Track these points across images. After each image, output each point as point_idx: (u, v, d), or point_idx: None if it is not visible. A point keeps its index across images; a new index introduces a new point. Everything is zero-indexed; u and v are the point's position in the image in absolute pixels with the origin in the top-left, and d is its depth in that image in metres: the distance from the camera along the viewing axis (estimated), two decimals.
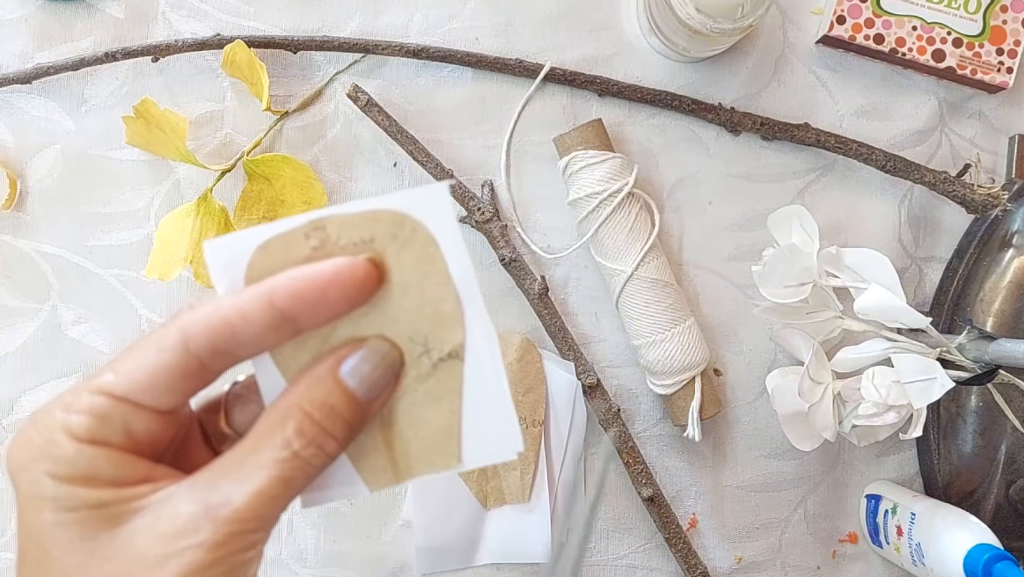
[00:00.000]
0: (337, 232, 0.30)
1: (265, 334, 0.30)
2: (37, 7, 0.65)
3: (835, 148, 0.66)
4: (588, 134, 0.64)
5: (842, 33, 0.65)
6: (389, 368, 0.31)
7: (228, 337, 0.29)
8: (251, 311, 0.29)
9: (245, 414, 0.34)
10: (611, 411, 0.65)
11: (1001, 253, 0.66)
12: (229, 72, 0.64)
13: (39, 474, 0.29)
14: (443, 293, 0.30)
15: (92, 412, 0.29)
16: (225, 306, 0.29)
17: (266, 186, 0.64)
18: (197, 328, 0.29)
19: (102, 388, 0.29)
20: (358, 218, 0.30)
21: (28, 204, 0.65)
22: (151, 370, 0.29)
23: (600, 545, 0.67)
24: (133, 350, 0.30)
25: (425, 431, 0.32)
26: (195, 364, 0.29)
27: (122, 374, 0.29)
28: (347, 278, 0.30)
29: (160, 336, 0.29)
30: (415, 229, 0.30)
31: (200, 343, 0.29)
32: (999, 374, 0.59)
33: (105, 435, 0.29)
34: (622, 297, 0.64)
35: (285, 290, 0.29)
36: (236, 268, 0.31)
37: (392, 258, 0.30)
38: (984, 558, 0.55)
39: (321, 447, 0.30)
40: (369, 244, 0.30)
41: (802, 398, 0.58)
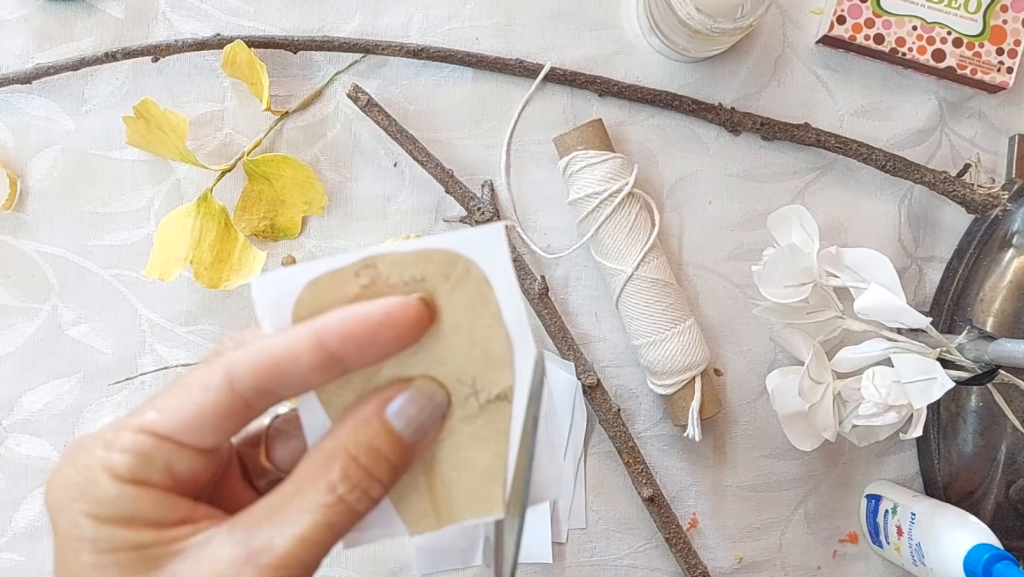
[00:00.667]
0: (388, 270, 0.30)
1: (312, 374, 0.29)
2: (37, 7, 0.65)
3: (835, 148, 0.66)
4: (588, 134, 0.64)
5: (842, 33, 0.65)
6: (436, 409, 0.31)
7: (275, 377, 0.29)
8: (299, 351, 0.28)
9: (286, 449, 0.33)
10: (611, 411, 0.65)
11: (1001, 253, 0.66)
12: (229, 72, 0.64)
13: (78, 515, 0.28)
14: (494, 334, 0.30)
15: (134, 451, 0.28)
16: (273, 345, 0.29)
17: (266, 186, 0.64)
18: (243, 367, 0.28)
19: (145, 426, 0.29)
20: (411, 257, 0.30)
21: (28, 204, 0.65)
22: (195, 409, 0.28)
23: (600, 545, 0.67)
24: (176, 387, 0.29)
25: (469, 474, 0.31)
26: (240, 403, 0.29)
27: (165, 412, 0.29)
28: (399, 319, 0.29)
29: (204, 374, 0.29)
30: (468, 269, 0.30)
31: (246, 382, 0.28)
32: (999, 374, 0.59)
33: (147, 475, 0.28)
34: (622, 297, 0.64)
35: (335, 330, 0.29)
36: (283, 305, 0.30)
37: (443, 298, 0.30)
38: (984, 558, 0.55)
39: (366, 491, 0.29)
40: (420, 283, 0.30)
41: (802, 398, 0.58)
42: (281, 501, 0.29)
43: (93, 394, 0.65)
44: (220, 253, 0.62)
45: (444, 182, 0.65)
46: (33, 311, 0.65)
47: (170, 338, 0.65)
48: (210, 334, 0.65)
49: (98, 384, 0.65)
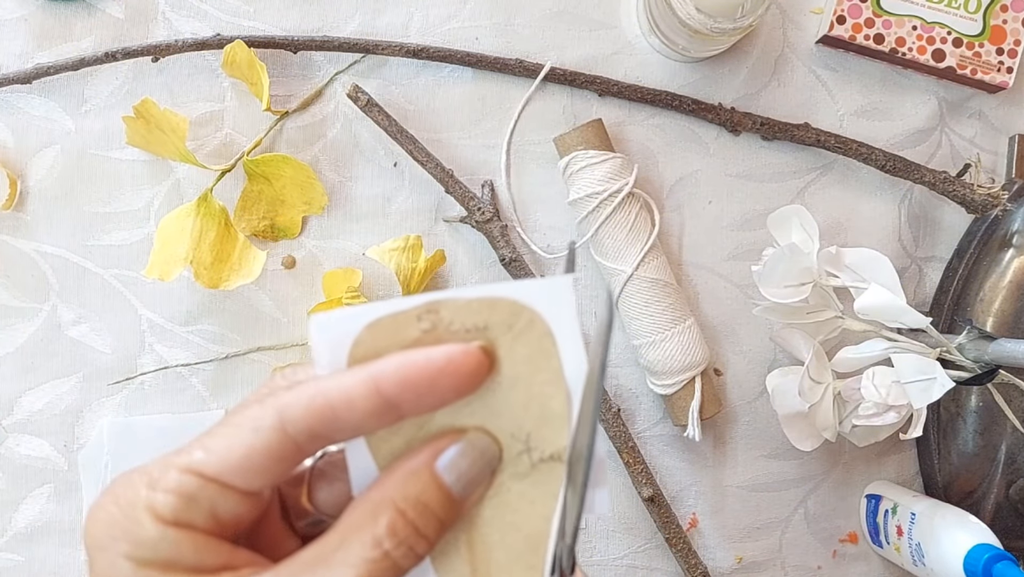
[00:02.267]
0: (451, 316, 0.29)
1: (367, 420, 0.28)
2: (37, 7, 0.65)
3: (835, 148, 0.66)
4: (588, 134, 0.64)
5: (842, 33, 0.65)
6: (488, 465, 0.29)
7: (329, 421, 0.28)
8: (356, 396, 0.28)
9: (330, 493, 0.32)
10: (611, 411, 0.65)
11: (1001, 253, 0.66)
12: (229, 72, 0.64)
13: (117, 556, 0.27)
14: (553, 391, 0.29)
15: (180, 492, 0.27)
16: (328, 388, 0.28)
17: (266, 186, 0.64)
18: (296, 410, 0.28)
19: (192, 467, 0.28)
20: (475, 304, 0.29)
21: (28, 204, 0.65)
22: (245, 451, 0.28)
23: (600, 545, 0.67)
24: (225, 427, 0.28)
25: (512, 538, 0.30)
26: (291, 446, 0.28)
27: (213, 452, 0.28)
28: (459, 367, 0.28)
29: (256, 415, 0.28)
30: (532, 321, 0.29)
31: (299, 426, 0.28)
32: (999, 374, 0.59)
33: (191, 517, 0.28)
34: (622, 297, 0.64)
35: (393, 376, 0.28)
36: (341, 346, 0.29)
37: (504, 348, 0.29)
38: (984, 558, 0.55)
39: (412, 547, 0.28)
40: (482, 332, 0.29)
41: (802, 398, 0.58)
42: (325, 552, 0.28)
43: (93, 394, 0.65)
44: (220, 253, 0.62)
45: (444, 182, 0.65)
46: (33, 311, 0.65)
47: (170, 338, 0.65)
48: (210, 334, 0.65)
49: (98, 384, 0.65)
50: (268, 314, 0.66)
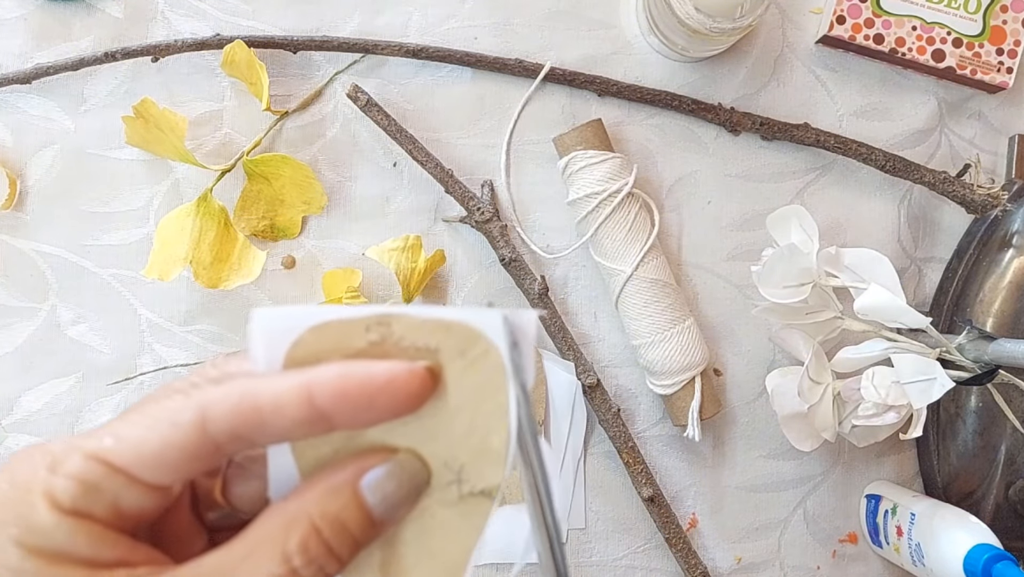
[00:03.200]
0: (402, 332, 0.27)
1: (296, 428, 0.27)
2: (36, 6, 0.65)
3: (835, 148, 0.66)
4: (587, 134, 0.64)
5: (842, 33, 0.65)
6: (415, 490, 0.28)
7: (254, 425, 0.26)
8: (286, 402, 0.26)
9: (244, 489, 0.30)
10: (611, 411, 0.65)
11: (1001, 253, 0.66)
12: (228, 72, 0.64)
13: (6, 540, 0.25)
14: (496, 426, 0.28)
15: (82, 479, 0.26)
16: (258, 390, 0.26)
17: (265, 186, 0.64)
18: (221, 410, 0.26)
19: (99, 453, 0.26)
20: (430, 324, 0.27)
21: (27, 204, 0.65)
22: (159, 445, 0.26)
23: (600, 545, 0.67)
24: (141, 415, 0.27)
25: (430, 565, 0.29)
26: (209, 446, 0.26)
27: (125, 441, 0.26)
28: (401, 387, 0.27)
29: (176, 408, 0.26)
30: (488, 352, 0.27)
31: (221, 426, 0.26)
32: (999, 374, 0.59)
33: (89, 507, 0.26)
34: (622, 297, 0.64)
35: (330, 387, 0.26)
36: (280, 343, 0.27)
37: (452, 375, 0.27)
38: (984, 558, 0.55)
39: (323, 567, 0.27)
40: (431, 353, 0.27)
41: (802, 398, 0.58)
42: (231, 561, 0.27)
43: (92, 394, 0.65)
44: (219, 253, 0.62)
45: (443, 182, 0.65)
46: (32, 311, 0.65)
47: (169, 338, 0.65)
48: (209, 334, 0.65)
49: (97, 384, 0.65)
50: None
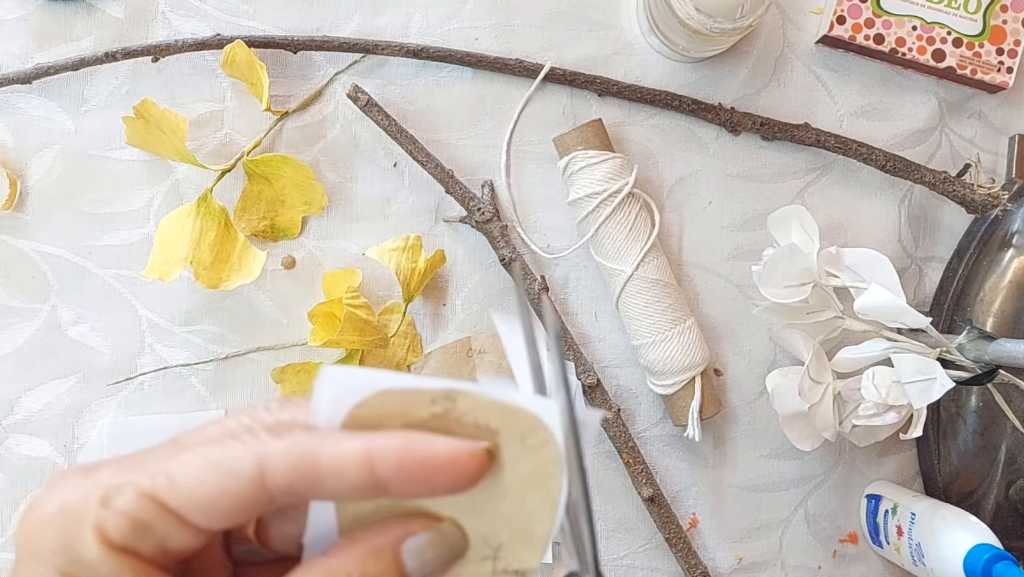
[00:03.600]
0: (466, 408, 0.27)
1: (352, 492, 0.26)
2: (37, 7, 0.65)
3: (835, 148, 0.66)
4: (588, 134, 0.64)
5: (842, 33, 0.65)
6: (452, 560, 0.28)
7: (311, 484, 0.26)
8: (347, 467, 0.26)
9: (279, 530, 0.30)
10: (611, 411, 0.65)
11: (1001, 253, 0.66)
12: (229, 72, 0.64)
13: (49, 569, 0.25)
14: (542, 515, 0.28)
15: (134, 517, 0.25)
16: (321, 450, 0.26)
17: (266, 186, 0.64)
18: (280, 464, 0.26)
19: (154, 493, 0.26)
20: (495, 406, 0.27)
21: (28, 204, 0.65)
22: (215, 492, 0.26)
23: (600, 545, 0.67)
24: (197, 457, 0.26)
25: None
26: (264, 498, 0.26)
27: (181, 485, 0.26)
28: (461, 467, 0.26)
29: (235, 457, 0.26)
30: (547, 442, 0.27)
31: (279, 481, 0.26)
32: (999, 374, 0.59)
33: (137, 544, 0.26)
34: (622, 297, 0.64)
35: (392, 458, 0.26)
36: (344, 402, 0.27)
37: (509, 456, 0.28)
38: (984, 558, 0.55)
39: None
40: (492, 433, 0.27)
41: (802, 398, 0.58)
42: None
43: (92, 394, 0.65)
44: (220, 253, 0.62)
45: (444, 182, 0.65)
46: (32, 311, 0.65)
47: (169, 338, 0.65)
48: (209, 334, 0.65)
49: (97, 384, 0.65)
50: (268, 314, 0.66)
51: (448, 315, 0.67)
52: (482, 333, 0.66)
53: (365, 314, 0.60)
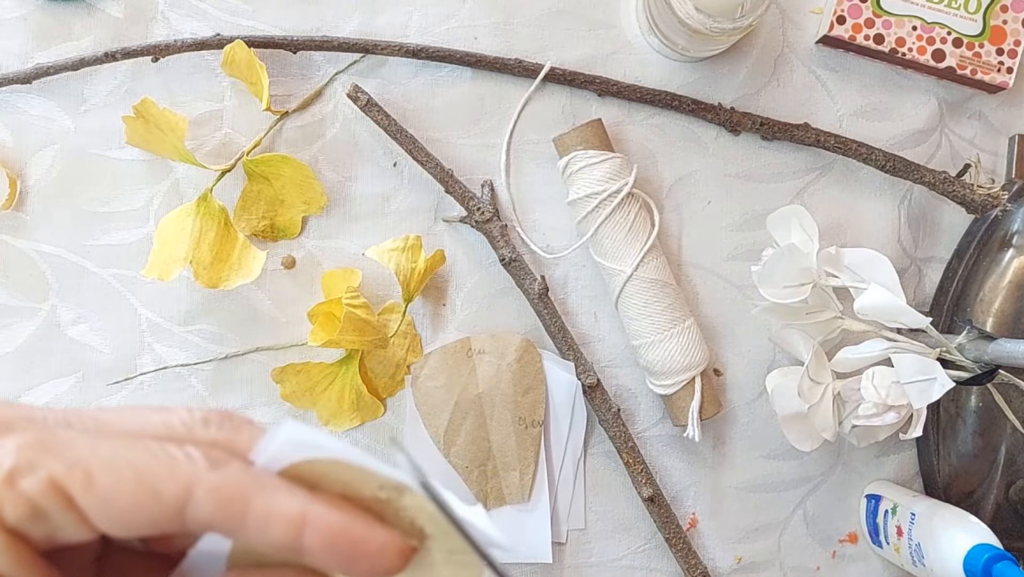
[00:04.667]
0: (409, 507, 0.27)
1: (269, 546, 0.25)
2: (36, 6, 0.65)
3: (835, 148, 0.66)
4: (588, 134, 0.64)
5: (842, 33, 0.65)
6: None
7: (231, 526, 0.25)
8: (275, 524, 0.25)
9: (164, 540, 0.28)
10: (611, 411, 0.65)
11: (1001, 253, 0.66)
12: (229, 72, 0.64)
13: None
14: None
15: (36, 504, 0.24)
16: (252, 500, 0.25)
17: (265, 186, 0.64)
18: (206, 499, 0.24)
19: (66, 486, 0.24)
20: (438, 519, 0.27)
21: (27, 204, 0.65)
22: (129, 506, 0.24)
23: (600, 545, 0.67)
24: (123, 462, 0.24)
25: None
26: (177, 522, 0.25)
27: (96, 487, 0.24)
28: (386, 560, 0.26)
29: (163, 477, 0.24)
30: (471, 565, 0.27)
31: (199, 515, 0.24)
32: (999, 374, 0.59)
33: (29, 530, 0.24)
34: (621, 297, 0.64)
35: (324, 531, 0.25)
36: (291, 453, 0.26)
37: (432, 560, 0.27)
38: (984, 558, 0.55)
39: None
40: (423, 537, 0.27)
41: (802, 398, 0.58)
42: None
43: (92, 394, 0.65)
44: (220, 253, 0.62)
45: (443, 182, 0.65)
46: (32, 311, 0.65)
47: (169, 338, 0.65)
48: (209, 334, 0.65)
49: (97, 384, 0.65)
50: (267, 314, 0.66)
51: (448, 315, 0.66)
52: (482, 333, 0.66)
53: (365, 314, 0.60)
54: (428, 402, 0.65)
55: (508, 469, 0.65)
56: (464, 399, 0.65)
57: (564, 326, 0.65)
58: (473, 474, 0.65)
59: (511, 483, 0.65)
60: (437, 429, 0.65)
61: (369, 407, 0.65)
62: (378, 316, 0.65)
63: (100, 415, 0.27)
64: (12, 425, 0.25)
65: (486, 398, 0.65)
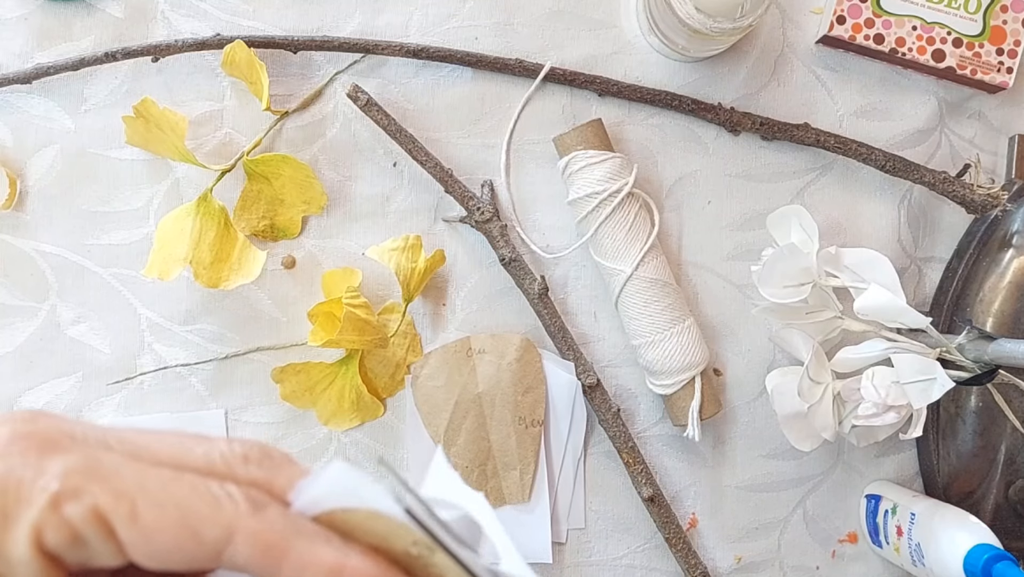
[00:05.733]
0: (439, 566, 0.27)
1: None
2: (37, 6, 0.65)
3: (835, 148, 0.66)
4: (588, 134, 0.64)
5: (842, 33, 0.65)
6: None
7: (268, 570, 0.25)
8: (310, 574, 0.25)
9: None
10: (611, 411, 0.65)
11: (1001, 253, 0.66)
12: (229, 72, 0.64)
13: None
14: None
15: (79, 532, 0.24)
16: (290, 549, 0.25)
17: (266, 185, 0.64)
18: (246, 545, 0.25)
19: (109, 518, 0.24)
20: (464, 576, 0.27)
21: (28, 203, 0.65)
22: (170, 544, 0.24)
23: (600, 545, 0.67)
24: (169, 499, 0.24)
25: None
26: (212, 565, 0.25)
27: (139, 522, 0.24)
28: None
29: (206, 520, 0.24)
30: None
31: (237, 558, 0.24)
32: (999, 374, 0.59)
33: (65, 554, 0.24)
34: (621, 297, 0.64)
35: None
36: (331, 500, 0.26)
37: None
38: (984, 558, 0.55)
39: None
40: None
41: (802, 398, 0.58)
42: None
43: (92, 394, 0.65)
44: (220, 253, 0.62)
45: (444, 182, 0.65)
46: (32, 310, 0.65)
47: (169, 338, 0.65)
48: (209, 334, 0.65)
49: (97, 384, 0.65)
50: (267, 314, 0.66)
51: (448, 315, 0.67)
52: (482, 333, 0.66)
53: (365, 314, 0.60)
54: (428, 402, 0.65)
55: (508, 469, 0.65)
56: (464, 399, 0.65)
57: (564, 326, 0.65)
58: (473, 474, 0.65)
59: (511, 483, 0.65)
60: (437, 429, 0.65)
61: (369, 407, 0.65)
62: (378, 316, 0.65)
63: (141, 438, 0.27)
64: (57, 444, 0.25)
65: (486, 398, 0.65)
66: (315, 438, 0.66)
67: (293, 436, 0.66)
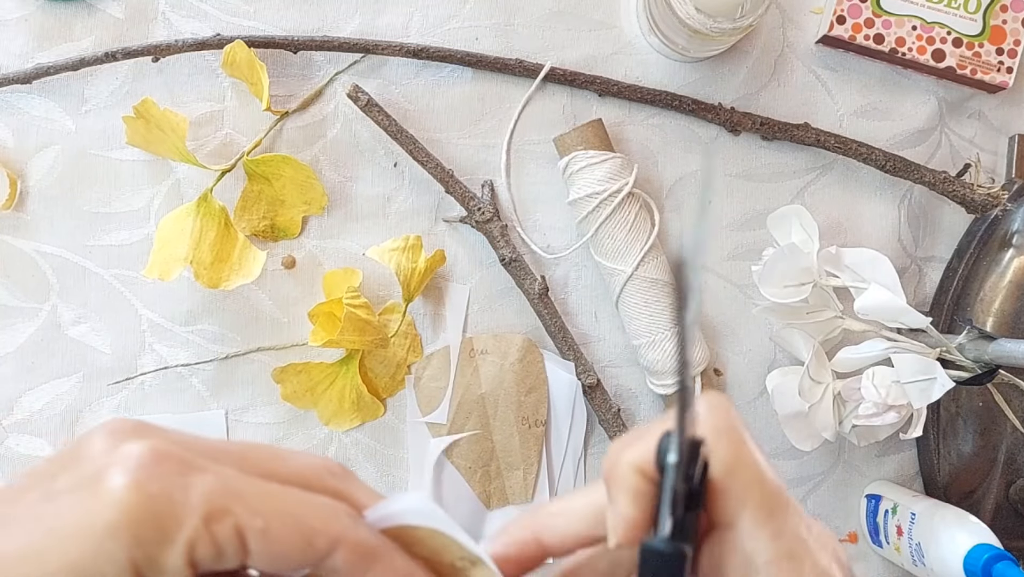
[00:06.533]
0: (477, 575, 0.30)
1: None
2: (37, 7, 0.65)
3: (835, 148, 0.66)
4: (588, 134, 0.64)
5: (842, 33, 0.65)
6: None
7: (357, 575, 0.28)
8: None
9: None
10: (611, 411, 0.65)
11: (1001, 253, 0.66)
12: (229, 72, 0.64)
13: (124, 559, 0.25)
14: None
15: (222, 548, 0.26)
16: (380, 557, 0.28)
17: (266, 186, 0.64)
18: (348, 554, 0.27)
19: (245, 533, 0.26)
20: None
21: (28, 204, 0.65)
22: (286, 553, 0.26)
23: None
24: (290, 510, 0.27)
25: None
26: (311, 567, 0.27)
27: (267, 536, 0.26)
28: None
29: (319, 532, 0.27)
30: None
31: (335, 566, 0.27)
32: (999, 374, 0.59)
33: (208, 565, 0.26)
34: (622, 297, 0.64)
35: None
36: (402, 518, 0.29)
37: None
38: (984, 558, 0.55)
39: None
40: None
41: (802, 398, 0.58)
42: None
43: (93, 394, 0.65)
44: (220, 253, 0.62)
45: (444, 182, 0.65)
46: (33, 311, 0.65)
47: (170, 338, 0.65)
48: (210, 334, 0.65)
49: (98, 384, 0.65)
50: (268, 314, 0.66)
51: (448, 315, 0.67)
52: (482, 333, 0.66)
53: (365, 314, 0.60)
54: (431, 403, 0.65)
55: (511, 469, 0.65)
56: (467, 399, 0.65)
57: (564, 326, 0.65)
58: (476, 475, 0.65)
59: (515, 483, 0.65)
60: (439, 430, 0.65)
61: (369, 407, 0.65)
62: (379, 316, 0.65)
63: (238, 449, 0.29)
64: (193, 464, 0.27)
65: (489, 398, 0.65)
66: (316, 438, 0.66)
67: (294, 436, 0.66)
